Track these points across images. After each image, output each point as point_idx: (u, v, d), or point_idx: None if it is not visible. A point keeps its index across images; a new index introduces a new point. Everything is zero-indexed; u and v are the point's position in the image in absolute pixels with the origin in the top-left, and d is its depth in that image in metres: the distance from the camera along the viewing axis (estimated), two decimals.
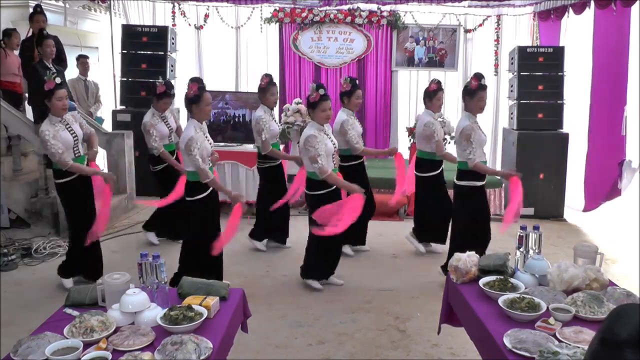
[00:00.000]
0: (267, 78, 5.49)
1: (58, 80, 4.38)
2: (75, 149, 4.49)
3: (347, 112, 5.27)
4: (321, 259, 4.79)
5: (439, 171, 5.41)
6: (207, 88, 5.21)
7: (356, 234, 5.58)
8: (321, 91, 4.45)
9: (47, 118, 4.47)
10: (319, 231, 4.34)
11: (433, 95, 5.33)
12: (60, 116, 4.44)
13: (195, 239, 4.43)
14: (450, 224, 5.00)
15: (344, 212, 4.29)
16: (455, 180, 4.71)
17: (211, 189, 4.32)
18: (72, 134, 4.46)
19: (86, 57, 8.21)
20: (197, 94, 4.21)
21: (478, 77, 4.60)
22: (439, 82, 5.43)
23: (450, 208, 5.04)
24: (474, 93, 4.56)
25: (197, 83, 4.27)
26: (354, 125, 5.22)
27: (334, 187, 4.50)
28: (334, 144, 4.54)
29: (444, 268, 4.91)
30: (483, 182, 4.64)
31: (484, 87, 4.56)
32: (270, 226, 5.78)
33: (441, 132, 5.34)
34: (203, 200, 4.28)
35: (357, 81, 5.47)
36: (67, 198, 4.60)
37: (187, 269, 4.37)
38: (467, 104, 4.62)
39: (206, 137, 4.30)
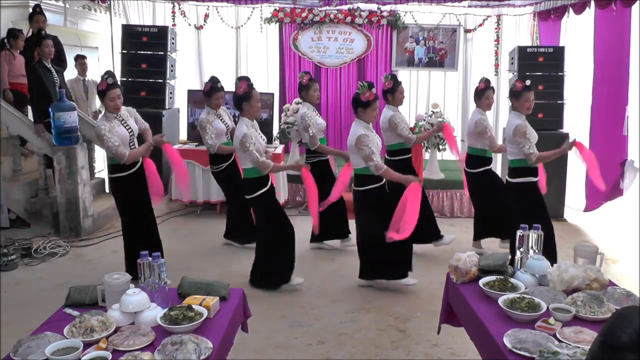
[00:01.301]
0: (308, 75, 5.55)
1: (110, 80, 4.40)
2: (131, 143, 4.57)
3: (392, 109, 5.38)
4: (384, 257, 4.67)
5: (489, 167, 5.48)
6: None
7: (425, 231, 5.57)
8: (373, 90, 4.49)
9: (102, 114, 4.55)
10: (395, 235, 4.30)
11: (481, 94, 5.41)
12: (115, 113, 4.49)
13: (267, 235, 4.64)
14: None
15: (408, 208, 4.30)
16: (507, 178, 4.78)
17: (269, 184, 4.49)
18: (127, 129, 4.52)
19: (84, 57, 8.20)
20: (246, 91, 4.39)
21: (522, 79, 4.75)
22: (487, 81, 5.48)
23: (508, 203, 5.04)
24: (519, 95, 4.67)
25: (245, 81, 4.45)
26: (402, 118, 5.37)
27: (382, 182, 4.55)
28: (381, 143, 4.63)
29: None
30: (537, 179, 4.69)
31: (529, 88, 4.65)
32: (328, 224, 5.60)
33: (492, 128, 5.41)
34: (263, 195, 4.46)
35: (397, 77, 5.55)
36: (120, 192, 4.68)
37: (264, 267, 4.68)
38: (514, 104, 4.75)
39: (259, 133, 4.46)
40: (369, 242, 4.68)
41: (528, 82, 4.64)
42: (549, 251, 4.61)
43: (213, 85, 5.52)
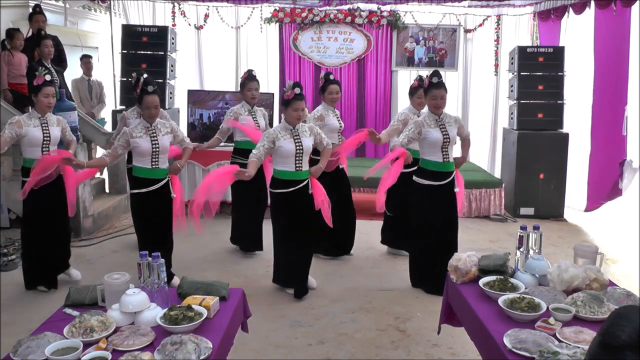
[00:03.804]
0: (246, 74, 5.46)
1: (48, 77, 4.37)
2: (44, 148, 4.44)
3: (325, 107, 5.25)
4: (287, 264, 4.66)
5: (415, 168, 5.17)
6: (207, 88, 5.23)
7: (343, 242, 5.53)
8: (297, 90, 4.36)
9: (30, 110, 4.50)
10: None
11: (413, 92, 5.30)
12: (43, 113, 4.43)
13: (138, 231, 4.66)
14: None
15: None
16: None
17: (151, 188, 4.39)
18: (45, 134, 4.42)
19: (89, 57, 8.22)
20: (138, 95, 4.41)
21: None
22: (420, 79, 5.30)
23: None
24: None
25: (141, 84, 4.36)
26: (327, 121, 5.14)
27: (297, 186, 4.39)
28: (298, 146, 4.35)
29: (414, 279, 4.84)
30: (435, 182, 4.52)
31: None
32: (241, 232, 5.64)
33: (402, 124, 5.09)
34: (132, 196, 4.48)
35: (331, 76, 5.30)
36: (26, 198, 4.50)
37: None
38: None
39: (151, 135, 4.34)
40: (277, 246, 4.66)
41: (436, 79, 4.56)
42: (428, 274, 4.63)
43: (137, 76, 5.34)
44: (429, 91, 4.53)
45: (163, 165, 4.44)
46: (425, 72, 8.91)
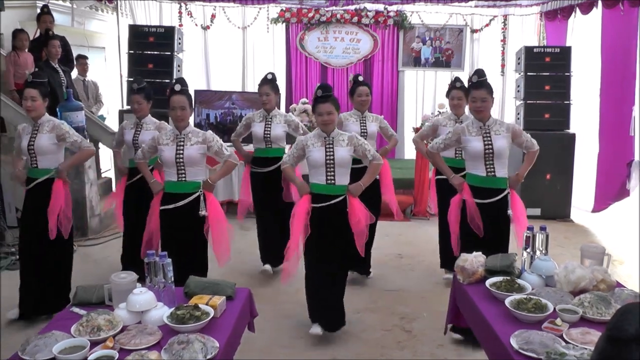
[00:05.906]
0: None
1: (30, 78, 4.01)
2: (32, 158, 4.06)
3: (350, 112, 4.88)
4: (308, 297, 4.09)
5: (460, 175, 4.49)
6: (214, 88, 5.17)
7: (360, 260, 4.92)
8: (318, 92, 3.83)
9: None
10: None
11: (447, 95, 5.00)
12: (34, 119, 4.04)
13: None
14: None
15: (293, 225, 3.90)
16: None
17: (179, 204, 3.94)
18: (30, 142, 4.02)
19: (85, 57, 8.18)
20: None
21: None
22: (453, 80, 4.97)
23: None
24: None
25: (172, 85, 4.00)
26: (346, 127, 4.65)
27: (329, 202, 3.83)
28: (329, 156, 3.79)
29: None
30: (477, 200, 3.91)
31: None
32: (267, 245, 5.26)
33: (432, 131, 4.91)
34: (164, 212, 4.01)
35: (360, 77, 4.94)
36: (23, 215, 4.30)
37: None
38: None
39: (177, 144, 3.93)
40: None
41: (476, 77, 4.05)
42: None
43: (130, 85, 4.90)
44: (469, 93, 3.99)
45: (192, 178, 3.91)
46: (432, 72, 9.04)
